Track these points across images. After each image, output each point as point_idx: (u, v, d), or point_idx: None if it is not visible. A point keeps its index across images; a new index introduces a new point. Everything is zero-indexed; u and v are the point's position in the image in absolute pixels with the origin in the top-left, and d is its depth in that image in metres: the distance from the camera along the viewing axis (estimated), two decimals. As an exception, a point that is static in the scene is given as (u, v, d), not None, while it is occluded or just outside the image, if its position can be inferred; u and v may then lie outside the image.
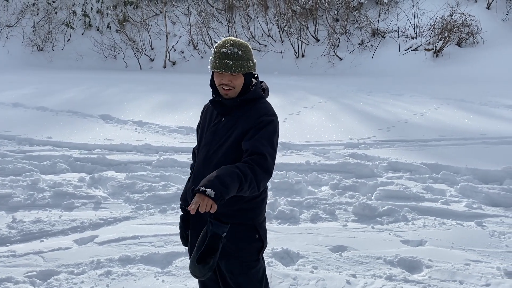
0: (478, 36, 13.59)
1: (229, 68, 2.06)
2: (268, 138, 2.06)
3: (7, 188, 4.68)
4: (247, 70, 2.12)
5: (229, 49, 2.09)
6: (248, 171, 1.93)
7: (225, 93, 2.12)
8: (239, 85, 2.11)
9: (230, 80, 2.09)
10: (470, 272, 3.21)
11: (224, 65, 2.06)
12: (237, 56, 2.08)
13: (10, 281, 3.05)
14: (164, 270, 3.24)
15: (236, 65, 2.07)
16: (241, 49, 2.10)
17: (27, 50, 18.03)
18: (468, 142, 6.38)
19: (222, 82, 2.10)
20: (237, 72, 2.08)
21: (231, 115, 2.15)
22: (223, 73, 2.09)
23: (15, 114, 8.06)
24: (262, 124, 2.07)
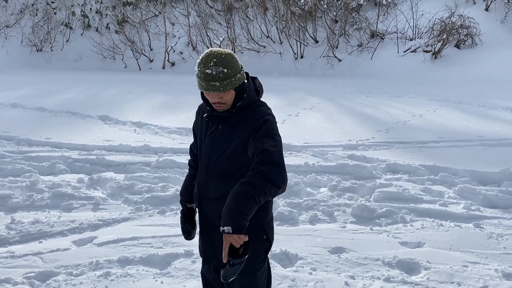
0: (477, 38, 13.63)
1: (217, 89, 2.00)
2: (266, 135, 2.03)
3: (6, 189, 4.68)
4: (236, 85, 2.04)
5: (213, 70, 1.98)
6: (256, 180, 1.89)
7: (219, 109, 2.09)
8: (230, 100, 2.07)
9: (221, 97, 2.04)
10: (468, 274, 3.22)
11: (211, 87, 2.00)
12: (223, 76, 1.99)
13: (9, 282, 3.05)
14: (163, 271, 3.25)
15: (224, 84, 2.00)
16: (226, 66, 2.00)
17: (26, 51, 18.02)
18: (467, 144, 6.39)
19: (213, 101, 2.07)
20: (226, 91, 2.02)
21: (227, 121, 2.13)
22: (212, 93, 2.03)
23: (14, 115, 8.06)
24: (258, 126, 2.06)
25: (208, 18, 17.21)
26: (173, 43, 17.32)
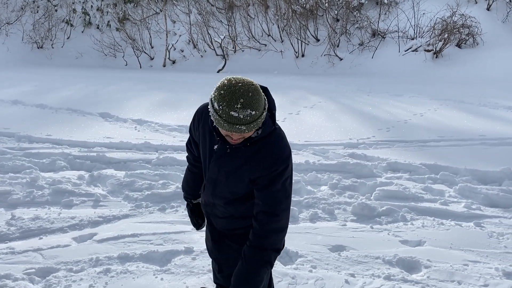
0: (478, 38, 13.60)
1: (242, 131, 1.75)
2: (282, 189, 1.93)
3: (6, 185, 4.68)
4: (260, 124, 1.80)
5: (240, 113, 1.70)
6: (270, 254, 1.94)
7: (233, 143, 1.88)
8: (249, 134, 1.83)
9: (243, 136, 1.82)
10: (468, 273, 3.22)
11: (236, 129, 1.74)
12: (251, 118, 1.72)
13: (9, 278, 3.05)
14: (163, 268, 3.24)
15: (250, 127, 1.75)
16: (253, 107, 1.72)
17: (27, 48, 18.01)
18: (467, 143, 6.38)
19: (231, 137, 1.83)
20: (251, 131, 1.79)
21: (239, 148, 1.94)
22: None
23: (15, 112, 8.05)
24: (277, 172, 1.89)
25: (209, 16, 17.19)
26: (174, 41, 17.31)
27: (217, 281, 2.43)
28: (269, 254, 1.92)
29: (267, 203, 1.92)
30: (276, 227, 1.94)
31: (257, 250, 1.91)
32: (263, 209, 1.93)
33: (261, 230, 1.93)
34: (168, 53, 17.02)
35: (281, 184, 1.93)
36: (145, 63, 17.39)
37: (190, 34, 17.10)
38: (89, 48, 17.88)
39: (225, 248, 2.22)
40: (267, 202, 1.92)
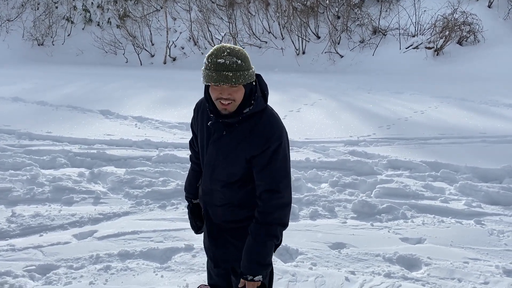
0: (479, 35, 13.57)
1: (229, 80, 1.83)
2: (280, 167, 1.98)
3: (7, 182, 4.68)
4: (248, 81, 1.90)
5: (226, 59, 1.84)
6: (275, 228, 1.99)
7: (224, 108, 1.92)
8: (239, 97, 1.91)
9: (230, 93, 1.88)
10: (468, 270, 3.22)
11: (223, 77, 1.83)
12: (237, 66, 1.84)
13: (9, 275, 3.05)
14: (163, 265, 3.25)
15: (237, 76, 1.84)
16: (239, 58, 1.87)
17: (28, 45, 17.99)
18: (468, 140, 6.38)
19: (220, 97, 1.89)
20: (238, 84, 1.86)
21: (233, 129, 2.00)
22: (221, 86, 1.86)
23: (15, 109, 8.05)
24: (271, 149, 1.95)
25: (210, 13, 17.16)
26: (175, 38, 17.28)
27: (211, 281, 2.42)
28: (274, 228, 1.98)
29: (267, 182, 1.97)
30: (279, 203, 1.99)
31: (263, 225, 1.97)
32: (265, 188, 1.98)
33: (265, 207, 1.99)
34: (168, 50, 16.99)
35: (278, 161, 1.97)
36: (145, 60, 17.37)
37: (190, 31, 17.08)
38: (89, 45, 17.86)
39: (223, 242, 2.21)
40: (268, 181, 1.97)
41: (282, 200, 2.00)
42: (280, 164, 1.98)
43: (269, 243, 1.99)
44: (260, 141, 1.95)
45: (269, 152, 1.95)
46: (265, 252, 1.98)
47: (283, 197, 2.00)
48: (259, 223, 1.99)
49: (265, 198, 1.99)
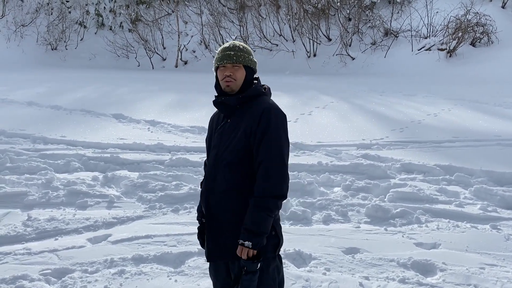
0: (493, 36, 13.42)
1: (231, 58, 2.17)
2: (275, 141, 2.12)
3: (22, 186, 4.75)
4: (248, 63, 2.22)
5: (230, 44, 2.24)
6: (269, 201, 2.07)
7: (227, 85, 2.19)
8: (240, 78, 2.19)
9: (232, 72, 2.18)
10: (485, 276, 3.17)
11: (226, 56, 2.19)
12: (238, 49, 2.22)
13: (26, 278, 3.09)
14: (176, 269, 3.26)
15: (237, 55, 2.19)
16: (242, 46, 2.25)
17: (41, 49, 18.25)
18: (483, 143, 6.30)
19: (225, 75, 2.19)
20: (239, 63, 2.18)
21: (235, 115, 2.21)
22: (225, 66, 2.19)
23: (30, 113, 8.16)
24: (266, 120, 2.12)
25: (221, 17, 17.23)
26: (186, 41, 17.39)
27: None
28: (266, 200, 2.08)
29: (263, 156, 2.11)
30: (272, 176, 2.10)
31: (257, 198, 2.09)
32: (260, 160, 2.12)
33: (260, 180, 2.11)
34: (180, 54, 17.10)
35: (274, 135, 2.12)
36: (157, 64, 17.50)
37: (202, 34, 17.16)
38: (102, 49, 18.06)
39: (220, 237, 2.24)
40: (263, 155, 2.11)
41: (276, 173, 2.11)
42: (275, 137, 2.12)
43: (261, 214, 2.08)
44: (257, 114, 2.15)
45: (264, 122, 2.12)
46: (256, 221, 2.07)
47: (275, 169, 2.11)
48: (254, 196, 2.11)
49: (260, 171, 2.11)
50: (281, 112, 2.20)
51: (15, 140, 6.49)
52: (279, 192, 2.11)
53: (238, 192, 2.18)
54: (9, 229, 3.81)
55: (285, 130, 2.18)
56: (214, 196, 2.24)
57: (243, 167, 2.17)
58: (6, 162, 5.43)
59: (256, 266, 2.09)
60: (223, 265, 2.30)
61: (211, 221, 2.27)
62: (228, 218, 2.20)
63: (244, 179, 2.17)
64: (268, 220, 2.09)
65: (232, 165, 2.18)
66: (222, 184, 2.20)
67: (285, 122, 2.20)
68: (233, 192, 2.18)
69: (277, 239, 2.23)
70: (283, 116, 2.20)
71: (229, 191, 2.19)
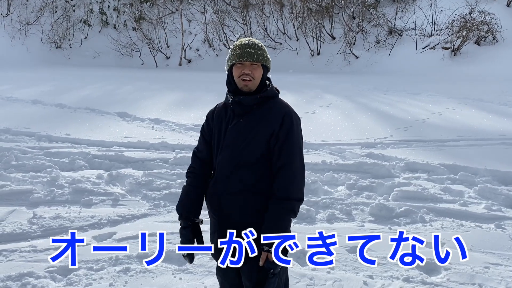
0: (498, 34, 13.37)
1: (251, 56, 2.13)
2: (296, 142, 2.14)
3: (28, 184, 4.77)
4: (266, 62, 2.19)
5: (250, 41, 2.19)
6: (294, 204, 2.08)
7: (245, 84, 2.14)
8: (258, 77, 2.16)
9: (250, 70, 2.13)
10: (489, 276, 3.17)
11: (246, 53, 2.13)
12: (257, 47, 2.18)
13: (32, 275, 3.11)
14: (181, 267, 3.27)
15: (257, 53, 2.15)
16: (260, 43, 2.23)
17: (46, 48, 18.31)
18: (487, 142, 6.28)
19: (243, 73, 2.13)
20: (259, 61, 2.14)
21: (250, 114, 2.16)
22: (243, 64, 2.13)
23: (35, 111, 8.19)
24: (288, 124, 2.13)
25: (225, 15, 17.23)
26: (190, 40, 17.41)
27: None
28: (292, 203, 2.08)
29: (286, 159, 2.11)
30: (296, 178, 2.12)
31: (282, 200, 2.08)
32: (279, 164, 2.12)
33: (284, 182, 2.11)
34: (184, 52, 17.12)
35: (295, 136, 2.14)
36: (161, 62, 17.53)
37: (205, 33, 17.17)
38: (106, 47, 18.10)
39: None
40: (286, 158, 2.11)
41: (295, 175, 2.12)
42: (297, 141, 2.15)
43: (287, 217, 2.08)
44: (279, 117, 2.14)
45: (287, 126, 2.13)
46: (282, 224, 2.06)
47: (298, 173, 2.13)
48: (275, 198, 2.09)
49: (280, 174, 2.11)
50: (298, 116, 2.23)
51: (20, 138, 6.52)
52: (301, 195, 2.13)
53: (254, 193, 2.15)
54: (15, 227, 3.83)
55: (301, 133, 2.21)
56: (228, 197, 2.18)
57: (260, 168, 2.15)
58: (11, 160, 5.46)
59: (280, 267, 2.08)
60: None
61: (225, 222, 2.21)
62: (244, 219, 2.16)
63: (259, 180, 2.15)
64: (290, 222, 2.11)
65: (249, 166, 2.15)
66: (237, 185, 2.16)
67: (300, 125, 2.22)
68: (248, 193, 2.15)
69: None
70: (299, 120, 2.23)
71: (244, 192, 2.15)
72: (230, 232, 2.13)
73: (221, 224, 2.23)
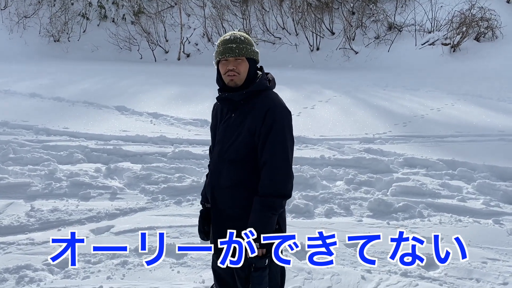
0: (497, 31, 13.34)
1: (233, 51, 2.09)
2: (280, 140, 2.08)
3: (26, 177, 4.75)
4: (250, 55, 2.14)
5: (231, 36, 2.15)
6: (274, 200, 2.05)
7: (231, 79, 2.12)
8: (244, 71, 2.12)
9: (235, 65, 2.10)
10: (487, 271, 3.18)
11: (228, 49, 2.10)
12: (240, 41, 2.13)
13: (29, 268, 3.11)
14: (179, 261, 3.27)
15: (240, 48, 2.10)
16: (243, 37, 2.16)
17: (44, 41, 18.21)
18: (486, 138, 6.29)
19: (227, 69, 2.11)
20: (241, 55, 2.10)
21: (240, 110, 2.16)
22: (228, 60, 2.11)
23: (32, 104, 8.16)
24: (271, 120, 2.07)
25: (224, 9, 17.15)
26: (189, 34, 17.33)
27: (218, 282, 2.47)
28: (272, 200, 2.06)
29: (268, 155, 2.08)
30: (278, 175, 2.08)
31: (262, 197, 2.08)
32: (264, 160, 2.09)
33: (265, 179, 2.10)
34: (182, 46, 17.05)
35: (279, 134, 2.08)
36: (159, 57, 17.46)
37: (204, 27, 17.11)
38: (104, 41, 18.01)
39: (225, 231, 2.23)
40: (267, 153, 2.08)
41: (279, 172, 2.08)
42: (280, 137, 2.08)
43: (267, 214, 2.06)
44: (261, 113, 2.09)
45: (269, 122, 2.07)
46: (262, 221, 2.06)
47: (280, 169, 2.09)
48: (258, 195, 2.09)
49: (265, 171, 2.09)
50: (286, 109, 2.15)
51: (18, 131, 6.49)
52: (284, 191, 2.09)
53: (244, 188, 2.17)
54: (12, 219, 3.82)
55: (290, 128, 2.14)
56: (220, 191, 2.23)
57: (248, 163, 2.15)
58: (9, 153, 5.44)
59: (265, 262, 2.08)
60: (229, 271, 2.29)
61: (217, 215, 2.27)
62: (235, 212, 2.19)
63: (249, 175, 2.16)
64: (273, 219, 2.09)
65: (236, 162, 2.16)
66: (227, 180, 2.19)
67: (290, 120, 2.16)
68: (239, 188, 2.17)
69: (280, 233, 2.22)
70: (288, 114, 2.15)
71: (234, 187, 2.18)
72: (230, 232, 2.14)
73: (216, 216, 2.29)
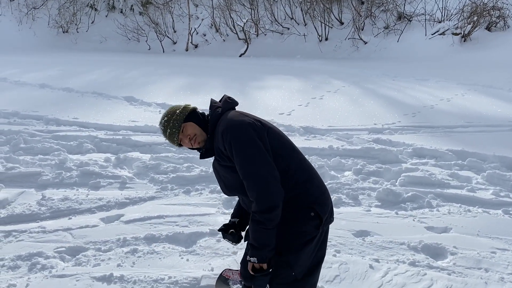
0: (509, 20, 13.14)
1: (173, 141, 2.25)
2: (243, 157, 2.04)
3: (37, 166, 4.81)
4: (178, 121, 2.22)
5: (161, 130, 2.29)
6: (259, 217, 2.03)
7: (197, 147, 2.25)
8: (193, 131, 2.22)
9: (186, 140, 2.23)
10: (496, 260, 3.17)
11: (170, 142, 2.28)
12: (164, 127, 2.25)
13: (41, 255, 3.15)
14: (188, 249, 3.30)
15: (171, 134, 2.23)
16: (165, 122, 2.25)
17: (53, 32, 18.28)
18: (496, 129, 6.23)
19: (188, 146, 2.25)
20: (178, 138, 2.23)
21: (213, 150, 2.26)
22: (180, 144, 2.27)
23: (42, 95, 8.22)
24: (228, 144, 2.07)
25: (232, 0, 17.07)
26: (197, 25, 17.30)
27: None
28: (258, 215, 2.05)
29: (241, 175, 2.08)
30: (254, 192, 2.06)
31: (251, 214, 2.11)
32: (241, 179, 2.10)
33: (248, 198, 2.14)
34: (190, 37, 17.02)
35: (239, 152, 2.05)
36: (168, 47, 17.45)
37: (212, 18, 17.05)
38: (113, 32, 18.04)
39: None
40: (241, 175, 2.08)
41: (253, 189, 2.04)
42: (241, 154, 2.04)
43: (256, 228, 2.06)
44: (220, 139, 2.12)
45: (228, 144, 2.07)
46: (254, 236, 2.08)
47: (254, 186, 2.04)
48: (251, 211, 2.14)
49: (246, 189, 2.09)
50: (236, 123, 2.07)
51: (29, 121, 6.56)
52: (265, 205, 2.01)
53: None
54: (24, 208, 3.88)
55: (248, 138, 2.03)
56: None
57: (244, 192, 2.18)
58: (20, 143, 5.50)
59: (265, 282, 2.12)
60: None
61: None
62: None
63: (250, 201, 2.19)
64: (265, 233, 2.05)
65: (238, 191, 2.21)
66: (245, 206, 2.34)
67: (243, 131, 2.05)
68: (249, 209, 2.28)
69: (318, 220, 2.20)
70: (239, 126, 2.06)
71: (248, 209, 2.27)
72: None
73: None
